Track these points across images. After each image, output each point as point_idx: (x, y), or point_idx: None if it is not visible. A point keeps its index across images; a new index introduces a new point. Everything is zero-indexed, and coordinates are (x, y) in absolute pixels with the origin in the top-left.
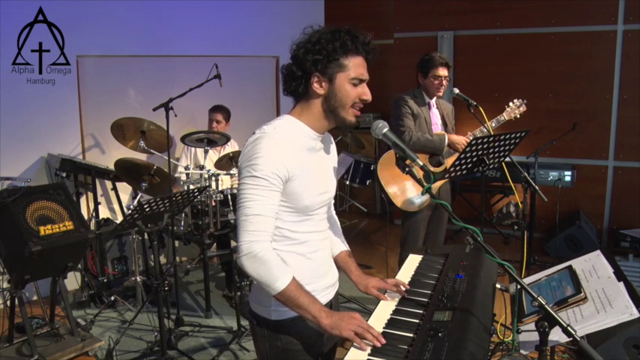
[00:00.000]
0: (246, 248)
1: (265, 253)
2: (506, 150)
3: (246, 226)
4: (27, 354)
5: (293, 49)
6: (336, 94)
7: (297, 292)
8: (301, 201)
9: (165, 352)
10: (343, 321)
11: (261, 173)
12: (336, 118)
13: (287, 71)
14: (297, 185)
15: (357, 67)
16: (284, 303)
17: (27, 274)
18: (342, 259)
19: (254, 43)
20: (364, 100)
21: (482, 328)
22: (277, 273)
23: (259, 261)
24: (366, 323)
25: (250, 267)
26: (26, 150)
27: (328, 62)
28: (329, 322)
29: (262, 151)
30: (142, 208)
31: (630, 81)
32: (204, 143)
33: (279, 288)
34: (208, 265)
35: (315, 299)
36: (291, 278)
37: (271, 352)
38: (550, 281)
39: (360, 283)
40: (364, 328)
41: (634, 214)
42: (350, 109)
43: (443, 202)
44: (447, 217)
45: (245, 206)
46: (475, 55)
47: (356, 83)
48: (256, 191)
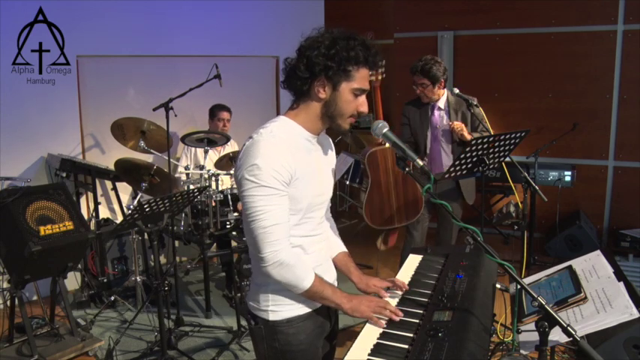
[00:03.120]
0: (272, 258)
1: (290, 259)
2: (506, 150)
3: (267, 238)
4: (27, 354)
5: (303, 47)
6: (337, 102)
7: (321, 286)
8: (301, 202)
9: (165, 352)
10: (362, 304)
11: (266, 182)
12: (333, 124)
13: (292, 68)
14: (297, 187)
15: (362, 78)
16: (310, 298)
17: (27, 274)
18: (341, 260)
19: (254, 43)
20: (361, 112)
21: (482, 328)
22: (302, 274)
23: (286, 268)
24: (383, 301)
25: (278, 274)
26: (26, 150)
27: (338, 69)
28: (350, 306)
29: (261, 158)
30: (142, 208)
31: (630, 81)
32: (204, 143)
33: (306, 287)
34: (208, 265)
35: (336, 288)
36: (314, 275)
37: (269, 353)
38: (550, 281)
39: (359, 283)
40: (381, 307)
41: (634, 214)
42: (348, 118)
43: (443, 202)
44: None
45: (260, 218)
46: (475, 55)
47: (357, 94)
48: (265, 201)
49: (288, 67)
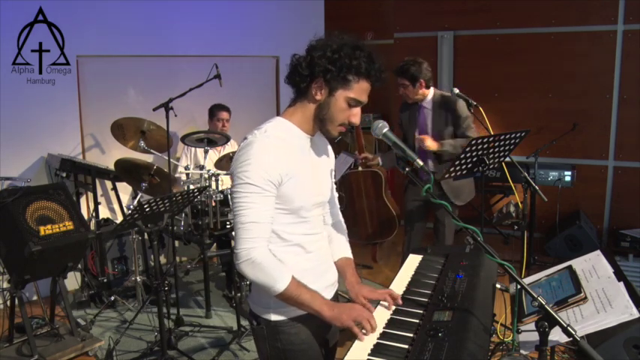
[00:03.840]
0: (245, 255)
1: (263, 259)
2: (506, 150)
3: (243, 234)
4: (27, 354)
5: (311, 46)
6: (329, 107)
7: (297, 290)
8: (294, 202)
9: (165, 352)
10: (344, 312)
11: (253, 180)
12: (322, 128)
13: (296, 64)
14: (289, 187)
15: (361, 90)
16: (286, 302)
17: (27, 274)
18: (342, 264)
19: (254, 43)
20: (352, 123)
21: (482, 328)
22: (276, 276)
23: (258, 266)
24: (367, 313)
25: (250, 273)
26: (26, 150)
27: (337, 75)
28: (331, 315)
29: (253, 157)
30: (142, 208)
31: (630, 81)
32: (204, 143)
33: (280, 289)
34: (208, 265)
35: (316, 294)
36: (290, 278)
37: (271, 353)
38: (550, 281)
39: (351, 291)
40: (364, 317)
41: (634, 214)
42: (338, 126)
43: (443, 202)
44: (447, 217)
45: (240, 214)
46: (475, 55)
47: (352, 104)
48: (250, 198)
49: (293, 62)
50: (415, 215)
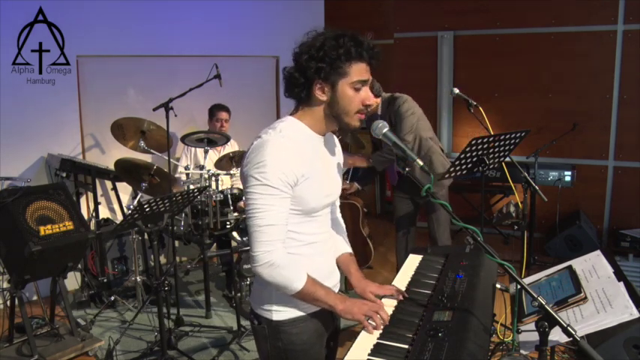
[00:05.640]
0: (263, 258)
1: (281, 261)
2: (506, 150)
3: (260, 237)
4: (27, 354)
5: (295, 53)
6: (339, 102)
7: (313, 288)
8: (308, 203)
9: (165, 352)
10: (355, 306)
11: (270, 182)
12: (341, 124)
13: (289, 76)
14: (304, 188)
15: (359, 71)
16: (302, 299)
17: (27, 274)
18: (344, 260)
19: (254, 43)
20: (367, 105)
21: (482, 328)
22: (293, 276)
23: (276, 269)
24: (377, 305)
25: (267, 275)
26: (26, 150)
27: (331, 70)
28: (343, 307)
29: (269, 158)
30: (142, 208)
31: (630, 81)
32: (204, 143)
33: (298, 288)
34: (208, 265)
35: (329, 289)
36: (306, 277)
37: (273, 353)
38: (550, 281)
39: (357, 286)
40: (373, 311)
41: (634, 214)
42: (355, 114)
43: (443, 202)
44: (444, 217)
45: (257, 217)
46: (475, 55)
47: (358, 87)
48: (266, 200)
49: (286, 76)
50: (404, 217)
